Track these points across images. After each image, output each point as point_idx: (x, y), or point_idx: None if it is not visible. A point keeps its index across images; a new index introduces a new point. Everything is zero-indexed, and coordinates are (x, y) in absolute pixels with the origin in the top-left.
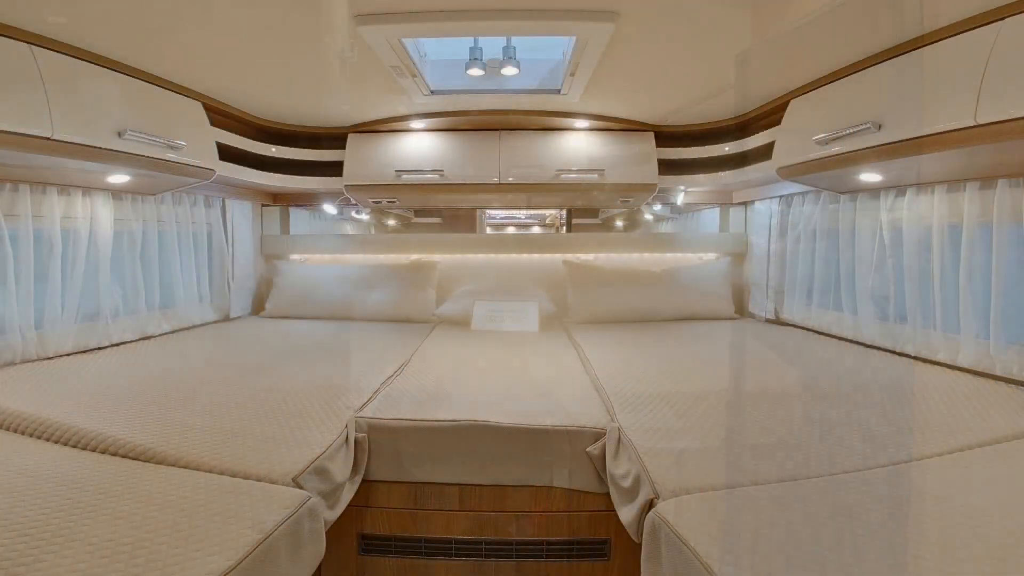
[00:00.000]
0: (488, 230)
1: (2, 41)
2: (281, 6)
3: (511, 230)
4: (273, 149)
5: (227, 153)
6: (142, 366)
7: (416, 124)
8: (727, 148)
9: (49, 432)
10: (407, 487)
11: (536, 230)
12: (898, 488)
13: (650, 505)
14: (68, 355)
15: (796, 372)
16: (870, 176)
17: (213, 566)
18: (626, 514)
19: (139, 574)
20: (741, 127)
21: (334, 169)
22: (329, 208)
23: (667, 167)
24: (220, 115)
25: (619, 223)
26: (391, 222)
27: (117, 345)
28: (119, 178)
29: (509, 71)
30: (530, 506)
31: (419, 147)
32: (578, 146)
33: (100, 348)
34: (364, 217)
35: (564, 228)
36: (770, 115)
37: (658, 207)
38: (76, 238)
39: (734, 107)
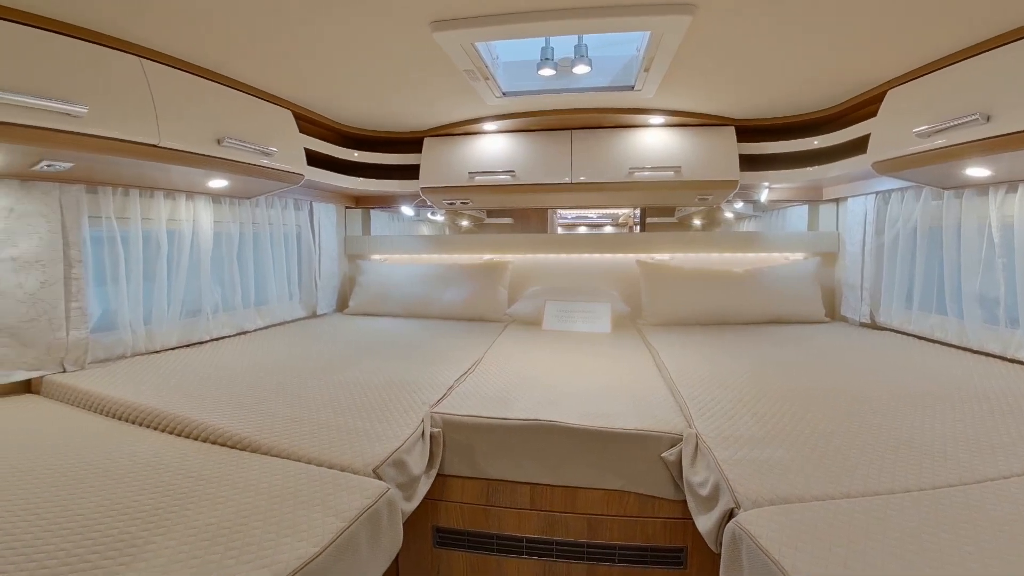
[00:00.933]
0: (559, 230)
1: (116, 55)
2: (362, 17)
3: (582, 230)
4: (355, 154)
5: (314, 158)
6: (239, 360)
7: (489, 126)
8: (816, 142)
9: (158, 421)
10: (480, 483)
11: (608, 229)
12: (1012, 504)
13: (730, 515)
14: (173, 349)
15: (894, 378)
16: (977, 171)
17: (301, 552)
18: (704, 523)
19: (237, 557)
20: (832, 119)
21: (411, 172)
22: (406, 210)
23: (749, 163)
24: (308, 122)
25: (696, 222)
26: (464, 223)
27: (217, 340)
28: (218, 183)
29: (581, 69)
30: (602, 509)
31: (491, 149)
32: (652, 143)
33: (201, 343)
34: (439, 218)
35: (638, 227)
36: (865, 106)
37: (739, 205)
38: (180, 239)
39: (824, 98)
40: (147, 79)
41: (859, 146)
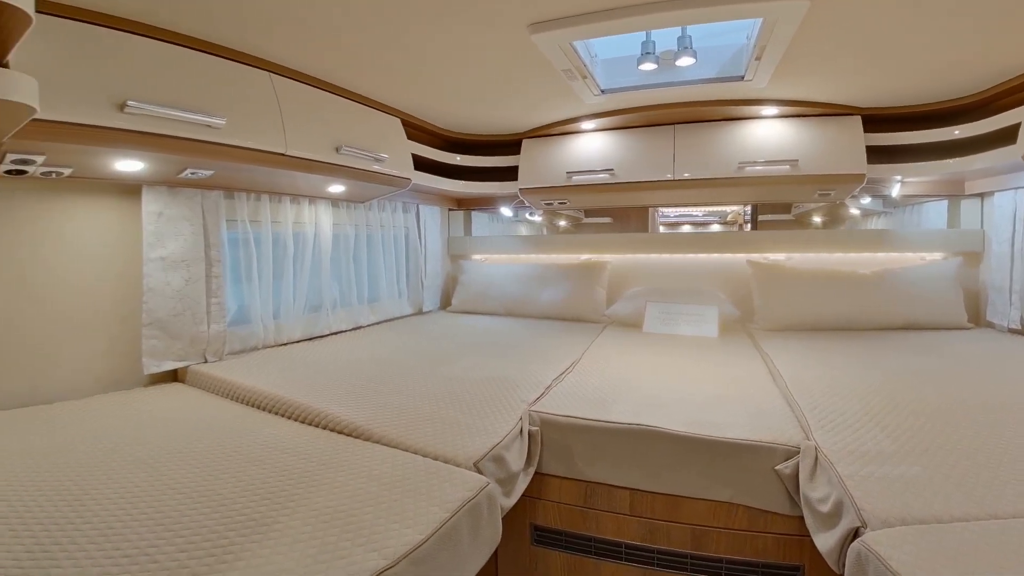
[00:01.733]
0: (661, 229)
1: (250, 70)
2: (464, 26)
3: (687, 229)
4: (458, 158)
5: (420, 163)
6: (354, 353)
7: (586, 125)
8: (957, 132)
9: (284, 409)
10: (578, 484)
11: (715, 228)
12: None
13: (854, 534)
14: (297, 342)
15: None
16: None
17: (407, 538)
18: (824, 541)
19: (352, 539)
20: (975, 107)
21: (510, 174)
22: (505, 211)
23: (877, 155)
24: (414, 129)
25: (816, 219)
26: (562, 223)
27: (335, 334)
28: (336, 188)
29: (685, 62)
30: (708, 520)
31: (590, 147)
32: (765, 135)
33: (322, 336)
34: (537, 219)
35: (748, 226)
36: (1014, 93)
37: (866, 200)
38: (304, 240)
39: (966, 84)
40: (275, 92)
41: (1007, 136)
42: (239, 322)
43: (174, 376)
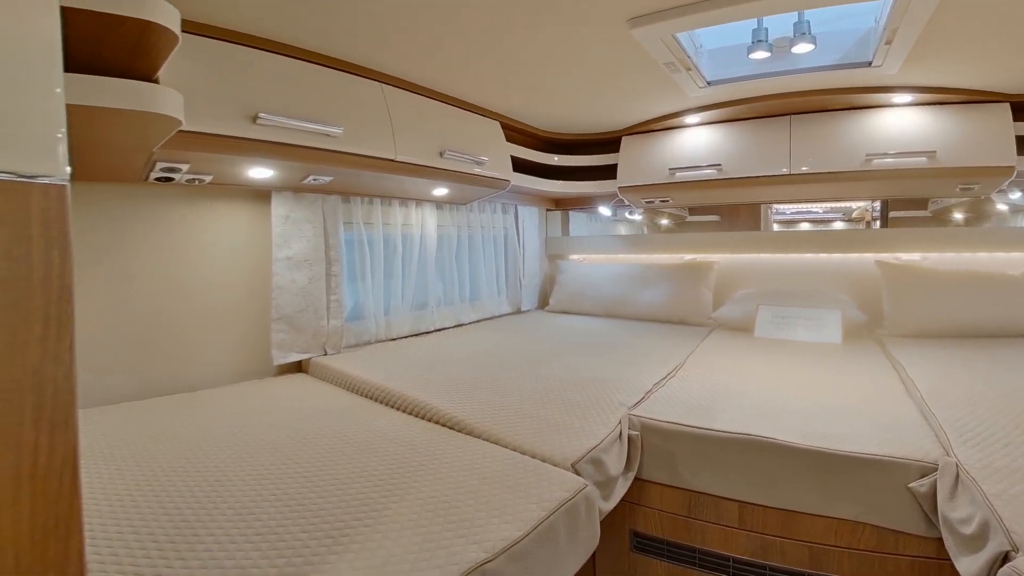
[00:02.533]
0: (775, 227)
1: (363, 81)
2: (562, 26)
3: (804, 226)
4: (555, 158)
5: (518, 164)
6: (456, 349)
7: (691, 119)
8: None
9: (393, 400)
10: (681, 493)
11: (838, 225)
12: None
13: (1003, 559)
14: (405, 337)
15: None
16: None
17: (505, 533)
18: (968, 566)
19: (454, 530)
20: None
21: (608, 172)
22: (604, 210)
23: None
24: (513, 131)
25: (957, 215)
26: (664, 221)
27: (439, 331)
28: (440, 191)
29: (803, 48)
30: (828, 539)
31: (694, 142)
32: (897, 125)
33: (427, 333)
34: (637, 217)
35: (876, 223)
36: None
37: (1016, 195)
38: (411, 241)
39: None
40: (386, 101)
41: None
42: (354, 318)
43: (298, 367)
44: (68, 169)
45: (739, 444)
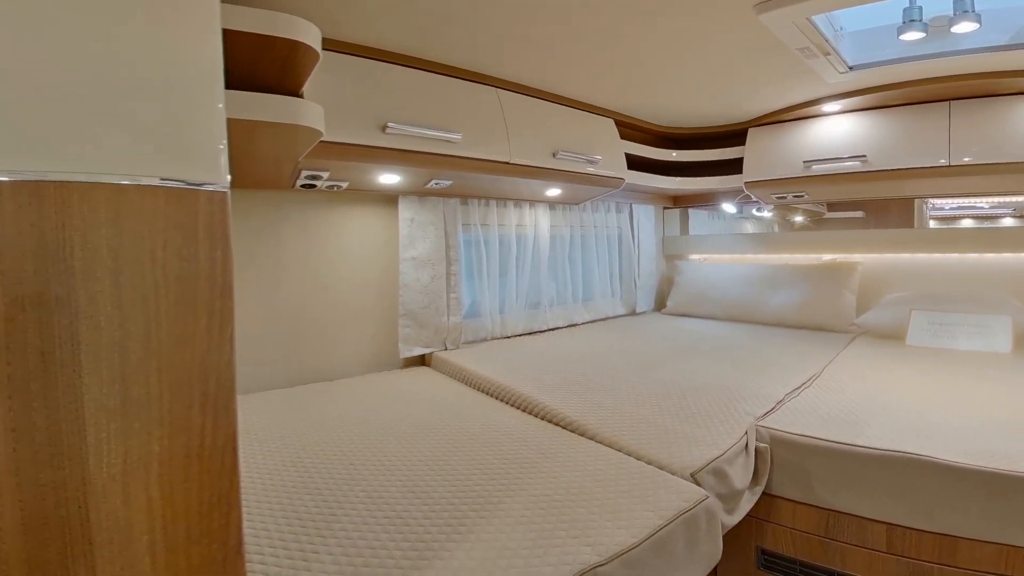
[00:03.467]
0: (931, 224)
1: (481, 87)
2: (683, 17)
3: (967, 223)
4: (673, 154)
5: (633, 162)
6: (570, 349)
7: (829, 107)
8: None
9: (509, 397)
10: (817, 512)
11: (1008, 222)
12: None
13: None
14: (519, 336)
15: None
16: None
17: (620, 539)
18: None
19: (566, 530)
20: None
21: (733, 167)
22: (728, 207)
23: None
24: (627, 128)
25: None
26: (798, 218)
27: (552, 330)
28: (553, 191)
29: (965, 27)
30: (999, 568)
31: (833, 132)
32: None
33: (540, 332)
34: (766, 215)
35: None
36: None
37: None
38: (524, 241)
39: None
40: (501, 105)
41: None
42: (471, 315)
43: (422, 360)
44: (228, 177)
45: (890, 462)
